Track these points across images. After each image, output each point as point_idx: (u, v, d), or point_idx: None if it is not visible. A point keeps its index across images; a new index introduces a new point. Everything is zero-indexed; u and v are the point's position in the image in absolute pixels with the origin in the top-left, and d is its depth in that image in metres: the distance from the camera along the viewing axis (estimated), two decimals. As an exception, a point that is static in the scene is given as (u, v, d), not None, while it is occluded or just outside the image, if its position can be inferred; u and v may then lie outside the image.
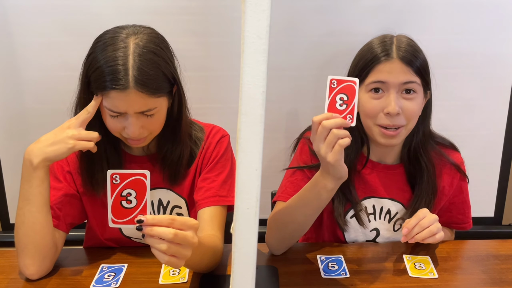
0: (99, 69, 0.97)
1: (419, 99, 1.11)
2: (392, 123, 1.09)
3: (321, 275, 1.05)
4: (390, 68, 1.08)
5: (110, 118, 1.02)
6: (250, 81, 0.67)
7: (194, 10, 1.50)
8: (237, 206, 0.69)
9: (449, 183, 1.23)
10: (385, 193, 1.22)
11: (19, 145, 1.63)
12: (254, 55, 0.67)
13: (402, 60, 1.08)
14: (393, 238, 1.22)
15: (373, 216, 1.22)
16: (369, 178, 1.21)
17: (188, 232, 0.79)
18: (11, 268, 1.08)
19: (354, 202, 1.19)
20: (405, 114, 1.09)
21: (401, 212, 1.22)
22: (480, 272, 1.07)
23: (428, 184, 1.18)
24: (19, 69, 1.56)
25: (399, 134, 1.11)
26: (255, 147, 0.68)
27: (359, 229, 1.21)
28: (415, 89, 1.10)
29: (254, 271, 0.71)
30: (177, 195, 1.17)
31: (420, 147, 1.18)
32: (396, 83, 1.08)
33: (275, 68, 1.53)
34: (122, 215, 0.80)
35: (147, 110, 1.00)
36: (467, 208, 1.28)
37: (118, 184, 0.79)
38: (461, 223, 1.29)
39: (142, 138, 1.05)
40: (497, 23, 1.56)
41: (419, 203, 1.18)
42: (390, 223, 1.22)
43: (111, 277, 1.04)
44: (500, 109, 1.65)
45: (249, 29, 0.66)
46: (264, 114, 0.67)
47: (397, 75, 1.08)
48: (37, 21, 1.50)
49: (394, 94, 1.08)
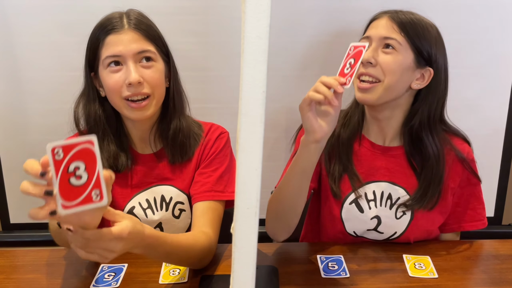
0: (96, 31, 1.07)
1: (398, 55, 1.07)
2: (366, 71, 1.09)
3: (321, 275, 1.04)
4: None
5: (111, 76, 1.04)
6: (250, 81, 0.67)
7: (194, 10, 1.50)
8: (237, 206, 0.69)
9: (455, 173, 1.18)
10: (385, 177, 1.18)
11: (19, 145, 1.63)
12: (254, 55, 0.67)
13: None
14: (395, 226, 1.17)
15: (373, 202, 1.17)
16: (368, 160, 1.18)
17: (109, 241, 0.74)
18: (11, 268, 1.08)
19: (355, 187, 1.16)
20: (381, 67, 1.08)
21: (403, 198, 1.16)
22: (480, 272, 1.07)
23: (434, 171, 1.13)
24: (19, 69, 1.56)
25: (374, 88, 1.09)
26: (255, 147, 0.68)
27: (359, 216, 1.17)
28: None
29: (254, 271, 0.71)
30: (180, 191, 1.17)
31: (423, 130, 1.13)
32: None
33: (275, 68, 1.53)
34: (73, 195, 0.64)
35: (143, 51, 1.05)
36: (478, 204, 1.21)
37: (62, 159, 0.63)
38: (472, 220, 1.21)
39: (145, 102, 1.06)
40: (498, 23, 1.56)
41: (425, 192, 1.13)
42: (392, 210, 1.17)
43: (111, 277, 1.03)
44: (500, 109, 1.65)
45: (249, 29, 0.66)
46: (264, 114, 0.67)
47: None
48: (37, 21, 1.50)
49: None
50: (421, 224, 1.17)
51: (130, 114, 1.08)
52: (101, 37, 1.06)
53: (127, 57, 1.04)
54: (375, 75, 1.08)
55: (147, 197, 1.16)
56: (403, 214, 1.17)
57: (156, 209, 1.16)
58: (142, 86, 1.05)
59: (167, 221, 1.17)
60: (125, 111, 1.08)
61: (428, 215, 1.17)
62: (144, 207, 1.16)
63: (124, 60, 1.05)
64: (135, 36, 1.05)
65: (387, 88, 1.09)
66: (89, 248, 0.73)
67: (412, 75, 1.11)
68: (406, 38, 1.08)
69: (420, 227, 1.18)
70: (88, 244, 0.73)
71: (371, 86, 1.09)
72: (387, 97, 1.11)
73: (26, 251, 1.16)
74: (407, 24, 1.08)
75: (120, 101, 1.07)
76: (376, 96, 1.10)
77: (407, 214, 1.16)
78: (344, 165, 1.18)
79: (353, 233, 1.20)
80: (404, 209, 1.16)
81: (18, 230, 1.72)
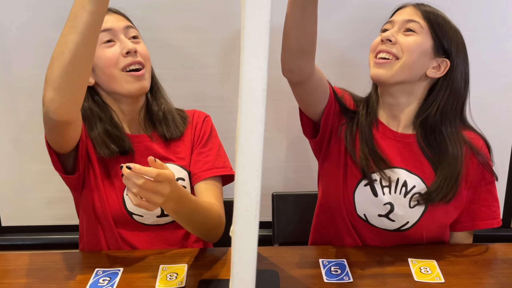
0: None
1: (418, 37, 1.12)
2: (385, 48, 1.13)
3: (323, 280, 1.02)
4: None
5: (107, 50, 1.11)
6: (250, 79, 0.65)
7: (192, 5, 1.48)
8: (237, 208, 0.67)
9: (471, 168, 1.17)
10: (400, 163, 1.17)
11: (11, 144, 1.61)
12: (255, 52, 0.65)
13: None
14: (408, 215, 1.15)
15: (387, 189, 1.16)
16: (384, 145, 1.19)
17: (160, 184, 0.90)
18: (3, 273, 1.06)
19: (380, 168, 1.15)
20: (401, 46, 1.12)
21: (419, 187, 1.15)
22: (488, 277, 1.05)
23: (452, 167, 1.13)
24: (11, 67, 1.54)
25: (390, 64, 1.12)
26: (255, 147, 0.66)
27: (372, 199, 1.16)
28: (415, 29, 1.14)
29: (254, 276, 0.69)
30: (180, 167, 1.22)
31: (442, 123, 1.15)
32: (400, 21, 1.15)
33: (276, 66, 1.51)
34: None
35: (130, 27, 1.15)
36: (493, 201, 1.20)
37: None
38: (487, 218, 1.20)
39: (142, 71, 1.13)
40: (504, 20, 1.55)
41: (441, 187, 1.12)
42: (406, 198, 1.15)
43: (106, 282, 1.01)
44: (508, 108, 1.63)
45: (249, 25, 0.64)
46: (264, 113, 0.65)
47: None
48: (29, 16, 1.48)
49: None
50: (435, 216, 1.16)
51: (129, 87, 1.13)
52: None
53: (118, 31, 1.12)
54: (393, 52, 1.12)
55: None
56: (417, 204, 1.15)
57: None
58: (137, 55, 1.13)
59: None
60: (124, 84, 1.13)
61: (443, 208, 1.15)
62: None
63: (115, 34, 1.12)
64: (120, 17, 1.16)
65: (403, 67, 1.12)
66: (141, 191, 0.89)
67: (429, 62, 1.14)
68: (427, 23, 1.13)
69: (433, 220, 1.16)
70: (143, 186, 0.88)
71: (388, 62, 1.13)
72: (402, 76, 1.13)
73: (18, 255, 1.13)
74: (430, 13, 1.14)
75: (119, 73, 1.12)
76: (390, 73, 1.13)
77: (421, 204, 1.15)
78: (369, 148, 1.18)
79: (364, 216, 1.18)
80: (419, 199, 1.15)
81: (10, 233, 1.70)
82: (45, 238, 1.70)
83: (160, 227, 1.19)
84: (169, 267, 1.06)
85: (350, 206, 1.19)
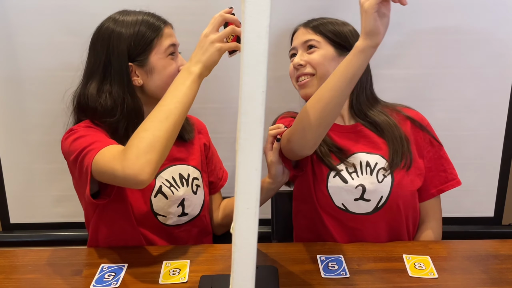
0: (141, 26, 1.16)
1: (320, 50, 1.26)
2: (300, 73, 1.27)
3: (321, 275, 1.04)
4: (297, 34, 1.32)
5: (172, 62, 1.19)
6: (250, 81, 0.67)
7: (194, 10, 1.50)
8: (237, 206, 0.69)
9: (417, 137, 1.29)
10: (358, 148, 1.26)
11: (19, 145, 1.63)
12: (254, 55, 0.67)
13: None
14: (379, 190, 1.22)
15: (355, 174, 1.23)
16: (337, 139, 1.27)
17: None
18: (11, 268, 1.09)
19: (342, 158, 1.24)
20: (311, 64, 1.26)
21: (381, 162, 1.24)
22: (480, 272, 1.07)
23: (392, 131, 1.25)
24: (19, 69, 1.56)
25: (310, 82, 1.26)
26: (255, 147, 0.68)
27: (344, 187, 1.22)
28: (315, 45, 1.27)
29: (254, 271, 0.71)
30: (194, 168, 1.28)
31: (364, 107, 1.28)
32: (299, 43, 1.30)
33: (275, 68, 1.53)
34: None
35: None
36: (447, 164, 1.31)
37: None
38: (447, 181, 1.30)
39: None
40: (497, 23, 1.57)
41: (396, 152, 1.24)
42: (373, 175, 1.23)
43: (111, 277, 1.04)
44: (500, 109, 1.65)
45: (249, 29, 0.66)
46: (264, 114, 0.67)
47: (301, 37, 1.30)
48: (37, 21, 1.51)
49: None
50: (403, 185, 1.23)
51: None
52: (160, 26, 1.18)
53: (177, 47, 1.22)
54: (308, 72, 1.26)
55: (167, 176, 1.23)
56: (384, 177, 1.22)
57: (178, 186, 1.23)
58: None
59: (188, 197, 1.24)
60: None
61: (407, 177, 1.24)
62: (167, 185, 1.21)
63: (176, 49, 1.21)
64: (174, 33, 1.24)
65: (321, 78, 1.23)
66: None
67: (338, 62, 1.14)
68: (320, 36, 1.27)
69: (403, 189, 1.23)
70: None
71: (308, 81, 1.26)
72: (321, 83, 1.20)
73: (26, 251, 1.16)
74: (319, 26, 1.29)
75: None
76: (314, 88, 1.24)
77: (387, 176, 1.22)
78: (328, 145, 1.27)
79: (342, 206, 1.23)
80: (384, 172, 1.23)
81: (18, 230, 1.72)
82: (53, 235, 1.72)
83: (177, 227, 1.23)
84: (172, 263, 1.08)
85: (327, 199, 1.24)
